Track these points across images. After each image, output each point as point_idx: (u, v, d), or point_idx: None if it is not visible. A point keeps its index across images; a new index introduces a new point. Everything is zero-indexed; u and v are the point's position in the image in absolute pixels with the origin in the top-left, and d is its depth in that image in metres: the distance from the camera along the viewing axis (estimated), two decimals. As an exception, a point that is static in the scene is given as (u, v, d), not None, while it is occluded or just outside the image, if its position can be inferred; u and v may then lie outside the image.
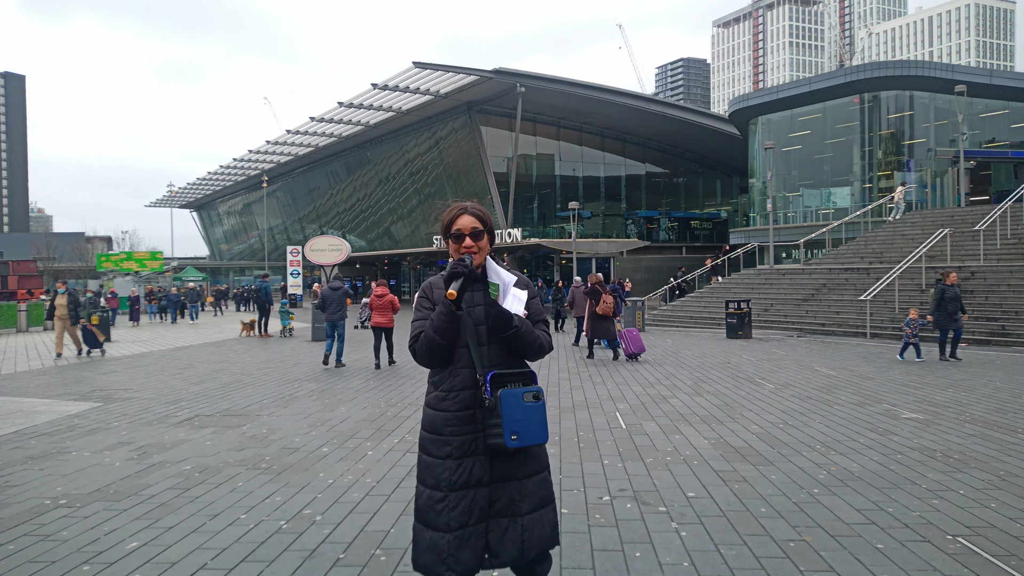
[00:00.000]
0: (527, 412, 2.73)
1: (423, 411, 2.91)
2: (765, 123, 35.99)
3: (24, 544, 4.25)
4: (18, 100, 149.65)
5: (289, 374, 12.10)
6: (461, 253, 2.85)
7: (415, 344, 2.85)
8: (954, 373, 11.28)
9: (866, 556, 3.93)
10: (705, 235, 46.68)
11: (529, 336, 2.83)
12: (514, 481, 2.81)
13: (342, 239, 37.34)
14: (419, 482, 2.86)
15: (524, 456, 2.84)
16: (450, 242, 2.91)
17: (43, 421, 8.13)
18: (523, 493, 2.81)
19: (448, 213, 2.93)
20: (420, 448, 2.89)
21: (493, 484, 2.80)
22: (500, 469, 2.81)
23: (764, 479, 5.44)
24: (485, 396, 2.75)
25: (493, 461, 2.80)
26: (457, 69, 32.75)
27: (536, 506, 2.83)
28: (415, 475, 2.94)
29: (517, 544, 2.76)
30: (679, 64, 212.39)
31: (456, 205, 2.94)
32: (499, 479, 2.81)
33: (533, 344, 2.86)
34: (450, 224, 2.90)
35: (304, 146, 48.08)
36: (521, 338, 2.82)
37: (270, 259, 56.24)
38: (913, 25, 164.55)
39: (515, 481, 2.81)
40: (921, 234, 22.02)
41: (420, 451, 2.88)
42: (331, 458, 6.22)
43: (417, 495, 2.85)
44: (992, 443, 6.52)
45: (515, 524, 2.78)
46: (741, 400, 8.96)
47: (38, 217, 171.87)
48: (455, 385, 2.82)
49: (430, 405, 2.88)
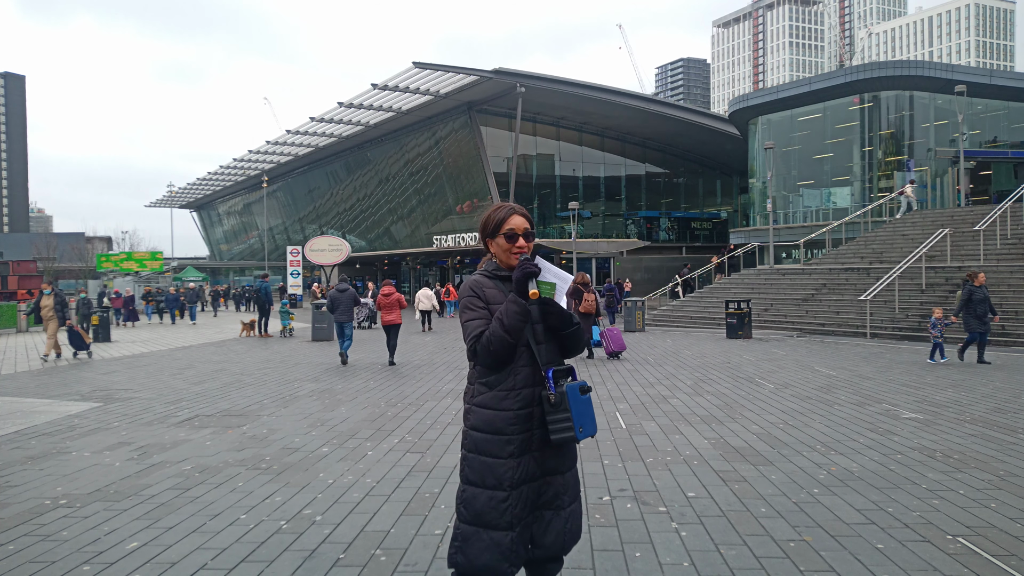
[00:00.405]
0: (585, 405, 2.82)
1: (473, 413, 2.87)
2: (765, 123, 36.00)
3: (24, 544, 4.25)
4: (18, 100, 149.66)
5: (289, 374, 12.10)
6: (514, 253, 2.85)
7: (478, 344, 2.78)
8: (954, 373, 11.28)
9: (866, 556, 3.94)
10: (705, 235, 46.70)
11: (580, 334, 2.95)
12: (559, 475, 2.92)
13: (342, 239, 37.41)
14: (473, 484, 2.83)
15: (569, 450, 2.95)
16: (500, 241, 2.88)
17: (43, 421, 8.13)
18: (566, 486, 2.93)
19: (495, 212, 2.92)
20: (474, 450, 2.85)
21: (542, 478, 2.88)
22: (550, 463, 2.89)
23: (764, 479, 5.44)
24: (550, 392, 2.79)
25: (543, 456, 2.86)
26: (457, 69, 32.76)
27: (574, 499, 2.96)
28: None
29: (560, 535, 2.88)
30: (679, 64, 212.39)
31: (502, 204, 2.95)
32: (548, 473, 2.89)
33: (581, 341, 2.99)
34: (500, 223, 2.88)
35: (304, 146, 48.06)
36: (577, 335, 2.92)
37: (270, 259, 56.23)
38: (913, 25, 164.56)
39: (560, 475, 2.92)
40: (921, 234, 22.01)
41: (474, 453, 2.84)
42: (331, 458, 6.22)
43: (471, 498, 2.82)
44: (992, 443, 6.52)
45: (559, 516, 2.89)
46: (741, 400, 8.96)
47: (38, 217, 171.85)
48: (516, 383, 2.82)
49: (487, 406, 2.83)
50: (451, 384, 10.66)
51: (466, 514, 2.82)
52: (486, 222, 2.93)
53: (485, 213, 2.94)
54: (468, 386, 2.95)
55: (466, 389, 2.97)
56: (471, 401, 2.90)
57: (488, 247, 2.94)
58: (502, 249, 2.88)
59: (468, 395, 2.94)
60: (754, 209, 37.41)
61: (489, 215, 2.93)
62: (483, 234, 2.94)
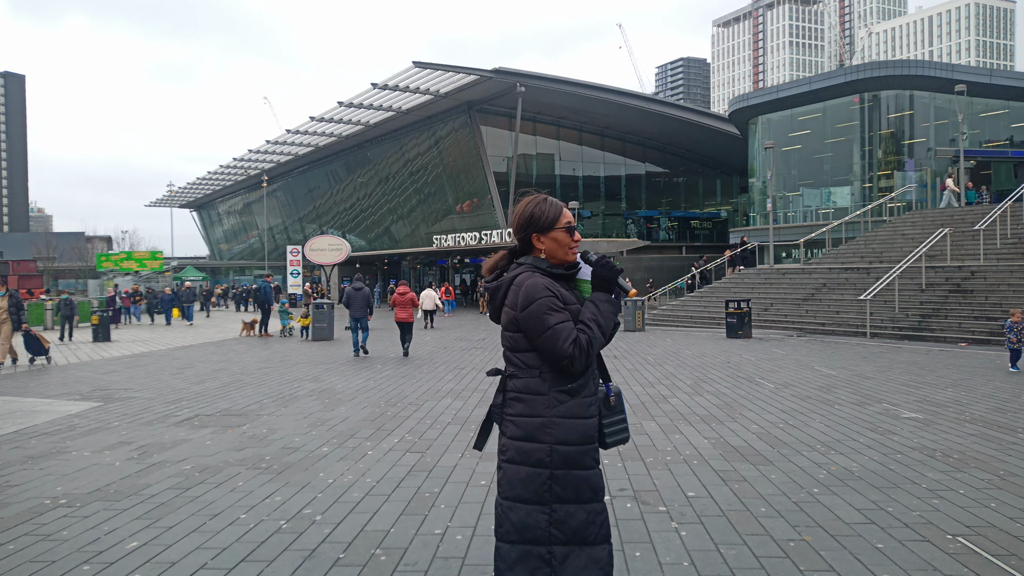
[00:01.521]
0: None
1: (557, 425, 2.55)
2: (765, 123, 35.99)
3: (24, 544, 4.25)
4: (18, 100, 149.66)
5: (289, 374, 12.10)
6: (572, 247, 2.69)
7: (576, 347, 2.53)
8: (954, 373, 11.28)
9: (866, 556, 3.93)
10: (705, 235, 46.68)
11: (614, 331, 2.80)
12: None
13: (342, 239, 37.35)
14: (570, 502, 2.56)
15: None
16: (558, 235, 2.67)
17: (43, 421, 8.13)
18: None
19: (546, 206, 2.69)
20: (564, 466, 2.55)
21: None
22: None
23: (764, 479, 5.44)
24: (610, 395, 2.71)
25: None
26: (457, 69, 32.76)
27: None
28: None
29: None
30: (679, 64, 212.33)
31: (543, 196, 2.74)
32: None
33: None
34: (557, 216, 2.67)
35: (304, 146, 48.07)
36: (611, 335, 2.73)
37: (270, 259, 56.22)
38: (913, 25, 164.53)
39: None
40: (921, 234, 22.01)
41: (565, 469, 2.55)
42: (331, 458, 6.22)
43: (571, 515, 2.55)
44: (992, 442, 6.52)
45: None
46: (741, 400, 8.96)
47: (38, 217, 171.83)
48: (592, 389, 2.66)
49: (575, 415, 2.58)
50: (451, 383, 10.66)
51: (560, 536, 2.53)
52: (536, 216, 2.67)
53: (528, 208, 2.70)
54: (530, 396, 2.59)
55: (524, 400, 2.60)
56: (551, 413, 2.56)
57: (535, 243, 2.70)
58: (559, 244, 2.67)
59: (540, 406, 2.58)
60: (754, 209, 37.42)
61: (538, 208, 2.68)
62: (531, 228, 2.68)
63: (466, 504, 4.90)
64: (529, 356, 2.60)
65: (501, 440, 2.66)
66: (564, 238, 2.67)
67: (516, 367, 2.63)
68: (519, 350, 2.63)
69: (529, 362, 2.60)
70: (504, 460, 2.62)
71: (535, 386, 2.59)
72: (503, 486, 2.62)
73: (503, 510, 2.60)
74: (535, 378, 2.59)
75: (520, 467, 2.57)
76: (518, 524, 2.55)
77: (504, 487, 2.61)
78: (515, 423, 2.60)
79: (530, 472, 2.55)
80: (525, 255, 2.74)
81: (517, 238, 2.75)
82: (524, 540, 2.54)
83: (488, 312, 2.85)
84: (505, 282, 2.67)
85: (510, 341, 2.66)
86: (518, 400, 2.61)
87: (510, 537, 2.56)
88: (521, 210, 2.72)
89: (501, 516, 2.60)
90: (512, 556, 2.55)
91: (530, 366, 2.60)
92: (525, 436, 2.57)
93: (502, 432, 2.66)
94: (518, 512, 2.55)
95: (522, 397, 2.60)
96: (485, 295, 6.97)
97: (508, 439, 2.62)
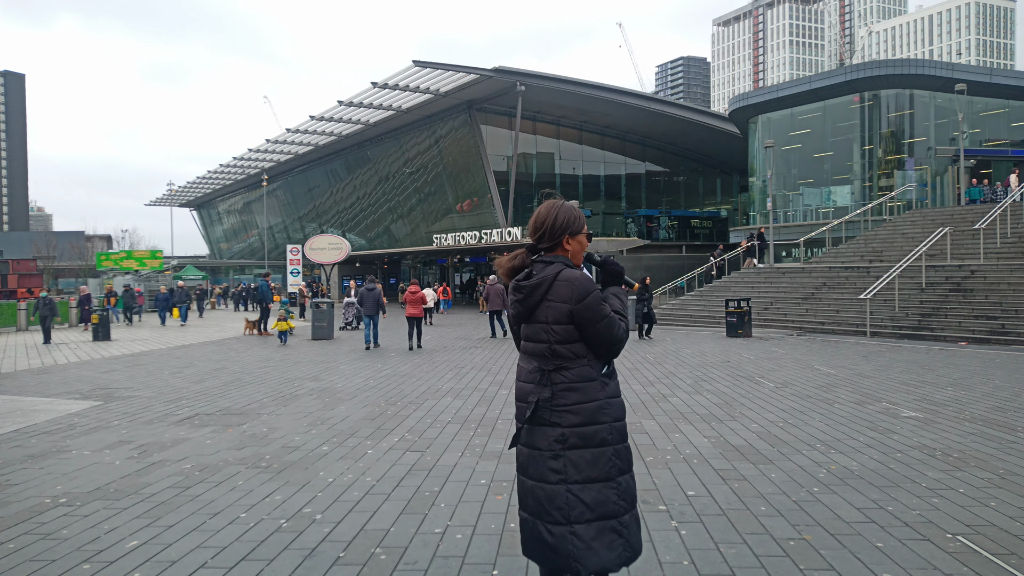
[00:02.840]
0: None
1: (612, 405, 2.84)
2: (765, 122, 35.98)
3: (24, 543, 4.26)
4: (18, 99, 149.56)
5: (289, 373, 12.10)
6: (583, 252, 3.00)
7: (625, 333, 2.86)
8: (954, 372, 11.28)
9: (866, 555, 3.94)
10: (705, 234, 46.67)
11: None
12: None
13: (342, 238, 37.34)
14: (627, 472, 2.84)
15: None
16: (582, 239, 2.95)
17: (43, 420, 8.13)
18: None
19: (576, 212, 2.96)
20: (621, 440, 2.84)
21: None
22: None
23: (764, 478, 5.44)
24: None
25: None
26: (457, 68, 32.74)
27: None
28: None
29: None
30: (679, 63, 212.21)
31: (567, 202, 3.00)
32: None
33: None
34: (583, 222, 2.99)
35: (304, 145, 48.07)
36: None
37: (270, 258, 56.25)
38: (913, 24, 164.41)
39: None
40: (921, 233, 22.01)
41: (623, 442, 2.85)
42: (331, 457, 6.22)
43: (628, 486, 2.83)
44: (992, 442, 6.52)
45: None
46: (741, 399, 8.96)
47: (38, 216, 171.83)
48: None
49: (617, 394, 2.91)
50: (451, 383, 10.65)
51: (626, 504, 2.80)
52: (571, 220, 2.90)
53: (563, 212, 2.91)
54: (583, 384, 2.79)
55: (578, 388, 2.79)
56: (604, 395, 2.82)
57: (564, 244, 2.91)
58: (582, 247, 2.96)
59: (594, 391, 2.80)
60: (754, 207, 37.40)
61: (571, 214, 2.92)
62: (566, 231, 2.89)
63: (466, 503, 4.89)
64: (578, 346, 2.80)
65: (555, 431, 2.78)
66: (585, 242, 2.97)
67: (566, 358, 2.80)
68: (570, 341, 2.79)
69: (579, 352, 2.80)
70: (565, 448, 2.76)
71: (587, 373, 2.80)
72: (569, 472, 2.75)
73: (573, 494, 2.74)
74: (585, 366, 2.80)
75: (584, 450, 2.76)
76: (592, 503, 2.73)
77: (570, 472, 2.75)
78: (572, 411, 2.77)
79: (596, 452, 2.76)
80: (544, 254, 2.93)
81: (546, 239, 2.92)
82: (599, 516, 2.73)
83: (515, 311, 2.92)
84: (548, 279, 2.80)
85: (561, 334, 2.79)
86: (571, 390, 2.78)
87: (585, 517, 2.73)
88: (555, 214, 2.91)
89: (572, 500, 2.73)
90: (589, 535, 2.72)
91: (579, 355, 2.80)
92: (586, 421, 2.77)
93: (555, 423, 2.78)
94: (590, 492, 2.74)
95: (575, 386, 2.78)
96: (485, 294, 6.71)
97: (567, 428, 2.77)
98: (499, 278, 3.48)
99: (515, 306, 2.90)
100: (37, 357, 15.62)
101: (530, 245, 2.98)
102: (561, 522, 2.73)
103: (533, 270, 2.87)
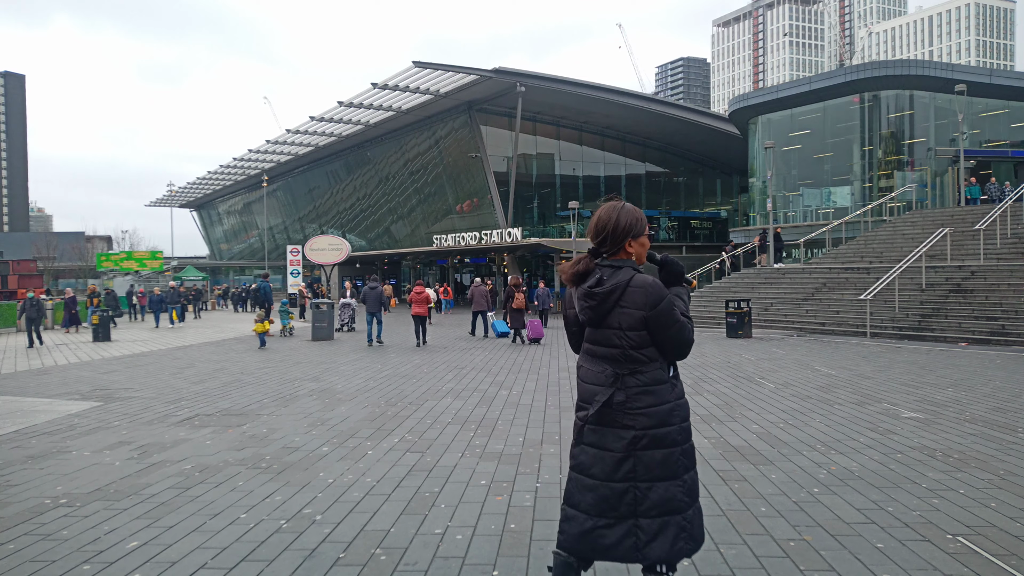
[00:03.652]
0: None
1: (681, 406, 2.93)
2: (765, 122, 35.99)
3: (24, 543, 4.25)
4: (18, 99, 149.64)
5: (289, 373, 12.10)
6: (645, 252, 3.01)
7: (692, 335, 2.92)
8: (954, 373, 11.28)
9: (866, 555, 3.93)
10: (705, 235, 46.68)
11: None
12: None
13: (342, 238, 37.36)
14: (692, 469, 2.93)
15: None
16: (644, 240, 2.97)
17: (43, 420, 8.13)
18: None
19: (638, 213, 2.97)
20: (688, 439, 2.93)
21: None
22: None
23: (764, 478, 5.44)
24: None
25: None
26: (457, 68, 32.76)
27: None
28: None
29: None
30: (679, 64, 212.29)
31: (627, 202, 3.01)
32: None
33: None
34: (646, 224, 2.99)
35: (304, 146, 48.09)
36: None
37: (270, 258, 56.24)
38: (913, 24, 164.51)
39: None
40: (921, 234, 22.01)
41: (689, 441, 2.93)
42: (331, 457, 6.22)
43: (694, 481, 2.94)
44: (992, 442, 6.52)
45: None
46: (741, 399, 8.95)
47: (38, 216, 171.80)
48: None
49: (683, 394, 2.99)
50: (451, 383, 10.66)
51: (690, 500, 2.89)
52: (633, 223, 2.92)
53: (626, 215, 2.91)
54: (657, 387, 2.85)
55: (652, 391, 2.85)
56: (674, 397, 2.90)
57: (627, 247, 2.93)
58: (644, 248, 2.98)
59: (666, 393, 2.87)
60: (754, 208, 37.40)
61: (632, 216, 2.93)
62: (629, 234, 2.91)
63: (466, 504, 4.89)
64: (651, 350, 2.86)
65: (628, 433, 2.84)
66: (647, 243, 3.00)
67: (640, 362, 2.85)
68: (644, 346, 2.85)
69: (652, 356, 2.86)
70: (637, 449, 2.84)
71: (659, 376, 2.88)
72: (639, 471, 2.84)
73: (641, 492, 2.83)
74: (657, 369, 2.87)
75: (656, 451, 2.84)
76: (659, 500, 2.83)
77: (640, 472, 2.84)
78: (646, 414, 2.84)
79: (666, 453, 2.85)
80: (607, 258, 2.93)
81: (609, 243, 2.93)
82: (664, 512, 2.83)
83: (585, 316, 2.91)
84: (621, 285, 2.83)
85: (636, 339, 2.84)
86: (646, 393, 2.85)
87: (651, 513, 2.82)
88: (617, 217, 2.92)
89: (639, 497, 2.83)
90: (654, 528, 2.82)
91: (652, 359, 2.86)
92: (659, 423, 2.85)
93: (628, 426, 2.84)
94: (658, 490, 2.83)
95: (650, 389, 2.86)
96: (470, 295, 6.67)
97: (640, 431, 2.84)
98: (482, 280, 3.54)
99: (586, 312, 2.90)
100: (37, 358, 15.62)
101: (592, 249, 2.97)
102: (627, 516, 2.83)
103: (603, 276, 2.87)
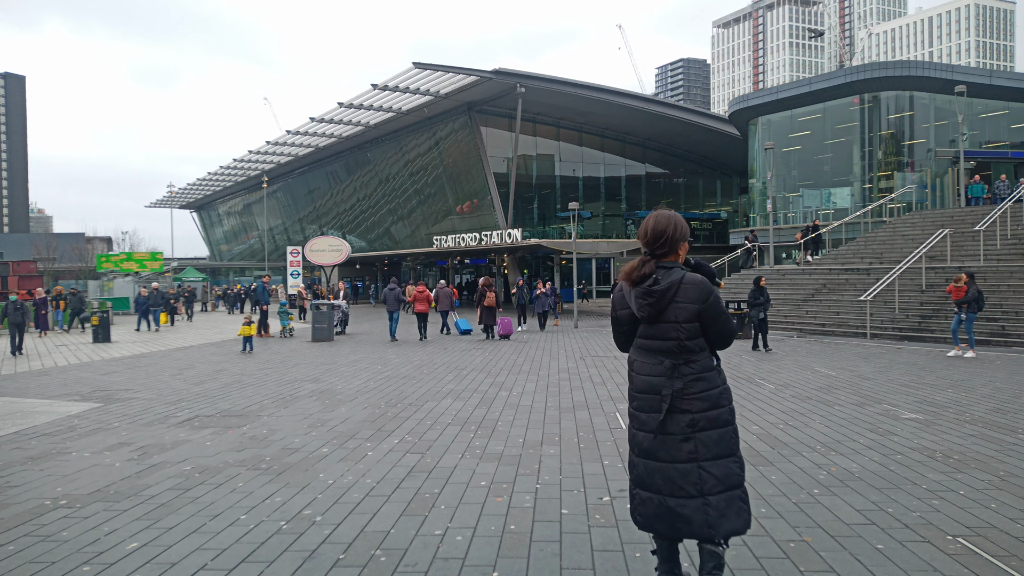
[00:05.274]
0: None
1: (728, 391, 3.28)
2: (765, 123, 36.00)
3: (24, 544, 4.26)
4: (18, 100, 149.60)
5: (289, 375, 12.10)
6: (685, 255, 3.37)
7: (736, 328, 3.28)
8: (954, 373, 11.28)
9: (866, 556, 3.94)
10: (705, 235, 46.69)
11: None
12: None
13: (342, 239, 37.34)
14: (738, 450, 3.25)
15: None
16: (686, 245, 3.33)
17: (43, 421, 8.13)
18: None
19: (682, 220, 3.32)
20: (735, 419, 3.26)
21: None
22: None
23: (764, 479, 5.44)
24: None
25: None
26: (457, 69, 32.76)
27: None
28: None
29: None
30: (679, 64, 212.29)
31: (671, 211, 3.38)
32: None
33: None
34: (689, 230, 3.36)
35: (304, 147, 48.09)
36: None
37: (270, 259, 56.24)
38: (913, 25, 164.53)
39: None
40: (921, 234, 22.01)
41: (735, 422, 3.26)
42: (331, 459, 6.22)
43: (742, 457, 3.27)
44: (992, 443, 6.52)
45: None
46: (741, 400, 8.95)
47: (38, 217, 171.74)
48: None
49: (726, 382, 3.30)
50: (451, 384, 10.65)
51: (743, 475, 3.22)
52: (686, 229, 3.31)
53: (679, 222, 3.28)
54: (708, 373, 3.20)
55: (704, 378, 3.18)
56: (722, 381, 3.26)
57: (679, 250, 3.29)
58: (685, 251, 3.34)
59: (715, 379, 3.22)
60: (754, 209, 37.40)
61: (685, 224, 3.31)
62: (682, 239, 3.29)
63: (466, 505, 4.90)
64: (701, 341, 3.20)
65: (687, 417, 3.15)
66: (687, 246, 3.35)
67: (693, 352, 3.19)
68: (696, 336, 3.19)
69: (702, 346, 3.21)
70: (695, 431, 3.15)
71: (709, 363, 3.23)
72: (700, 451, 3.14)
73: (705, 470, 3.13)
74: (707, 358, 3.22)
75: (712, 431, 3.16)
76: (721, 476, 3.14)
77: (701, 451, 3.14)
78: (700, 398, 3.17)
79: (722, 432, 3.18)
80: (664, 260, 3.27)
81: (666, 247, 3.26)
82: (726, 487, 3.14)
83: (644, 313, 3.22)
84: (675, 283, 3.16)
85: (688, 331, 3.17)
86: (699, 380, 3.18)
87: (716, 489, 3.12)
88: (675, 224, 3.28)
89: (704, 476, 3.12)
90: (721, 504, 3.12)
91: (702, 349, 3.21)
92: (713, 405, 3.18)
93: (686, 410, 3.16)
94: (719, 467, 3.15)
95: (702, 376, 3.19)
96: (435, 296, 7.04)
97: (696, 413, 3.16)
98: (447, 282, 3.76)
99: (644, 308, 3.20)
100: (37, 359, 15.62)
101: (647, 253, 3.30)
102: (695, 495, 3.11)
103: (658, 276, 3.20)
